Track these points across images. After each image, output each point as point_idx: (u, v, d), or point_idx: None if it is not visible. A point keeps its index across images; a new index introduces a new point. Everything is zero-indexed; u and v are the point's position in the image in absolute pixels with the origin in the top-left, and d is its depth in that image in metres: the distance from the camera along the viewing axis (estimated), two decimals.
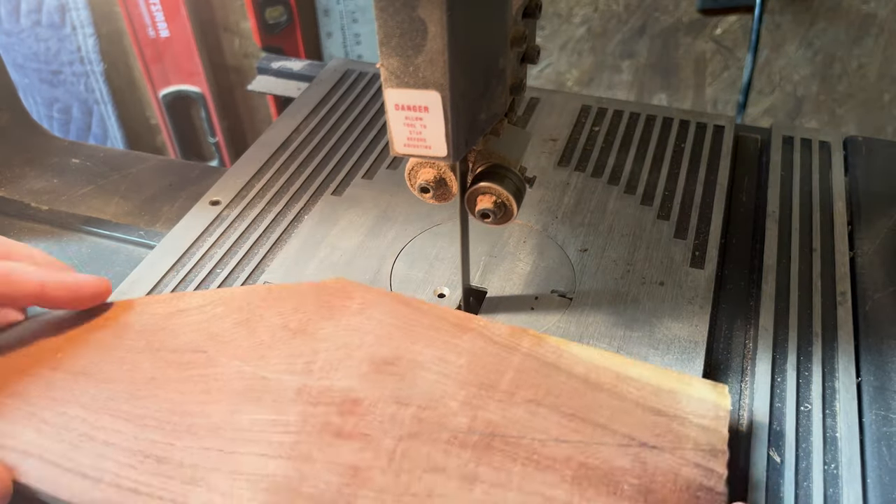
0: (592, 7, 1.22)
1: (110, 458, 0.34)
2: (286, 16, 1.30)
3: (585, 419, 0.35)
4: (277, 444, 0.34)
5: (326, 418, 0.35)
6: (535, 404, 0.36)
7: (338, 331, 0.40)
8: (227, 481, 0.33)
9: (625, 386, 0.36)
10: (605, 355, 0.38)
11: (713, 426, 0.35)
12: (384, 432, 0.35)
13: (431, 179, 0.39)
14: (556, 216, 0.51)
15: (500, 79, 0.36)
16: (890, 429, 0.38)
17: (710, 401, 0.36)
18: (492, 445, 0.34)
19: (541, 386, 0.36)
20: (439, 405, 0.36)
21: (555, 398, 0.36)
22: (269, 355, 0.39)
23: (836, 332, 0.44)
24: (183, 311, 0.41)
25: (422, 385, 0.37)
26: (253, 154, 0.58)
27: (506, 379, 0.37)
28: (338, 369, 0.38)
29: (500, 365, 0.38)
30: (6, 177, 0.62)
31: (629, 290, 0.45)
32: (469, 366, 0.38)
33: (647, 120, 0.61)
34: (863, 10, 1.15)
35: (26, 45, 1.27)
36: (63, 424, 0.36)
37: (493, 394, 0.36)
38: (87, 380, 0.38)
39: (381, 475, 0.33)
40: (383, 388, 0.37)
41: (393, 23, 0.30)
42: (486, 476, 0.33)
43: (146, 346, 0.40)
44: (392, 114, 0.33)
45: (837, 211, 0.52)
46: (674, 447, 0.34)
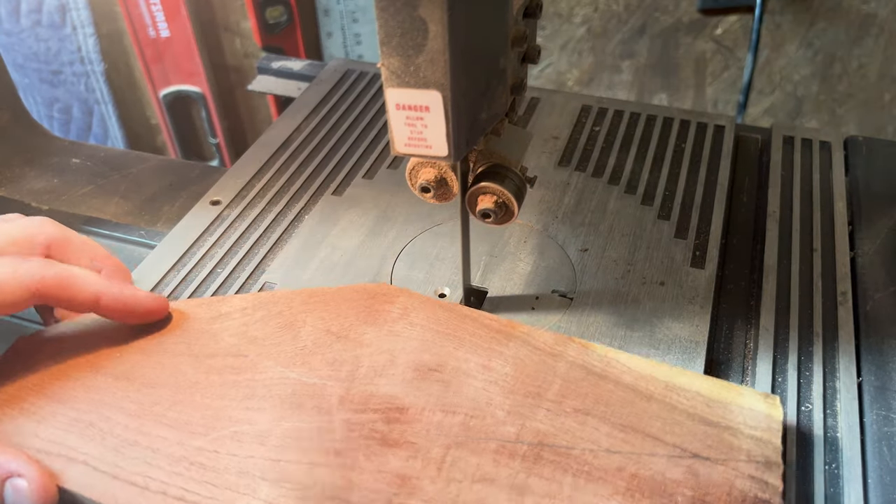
0: (593, 7, 1.22)
1: (156, 465, 0.34)
2: (286, 16, 1.30)
3: (636, 429, 0.35)
4: (324, 452, 0.34)
5: (372, 426, 0.35)
6: (583, 414, 0.35)
7: (380, 336, 0.39)
8: (275, 489, 0.33)
9: (674, 395, 0.36)
10: (653, 364, 0.38)
11: (766, 437, 0.34)
12: (432, 441, 0.34)
13: (432, 179, 0.39)
14: (556, 216, 0.51)
15: (501, 78, 0.36)
16: (891, 428, 0.38)
17: (761, 411, 0.35)
18: (541, 456, 0.34)
19: (589, 395, 0.36)
20: (486, 414, 0.35)
21: (604, 408, 0.35)
22: (312, 361, 0.38)
23: (836, 331, 0.44)
24: (224, 314, 0.41)
25: (467, 393, 0.36)
26: (253, 154, 0.58)
27: (553, 388, 0.36)
28: (382, 375, 0.37)
29: (546, 373, 0.37)
30: (6, 177, 0.62)
31: (630, 289, 0.45)
32: (515, 374, 0.37)
33: (647, 120, 0.61)
34: (863, 10, 1.15)
35: (26, 45, 1.27)
36: (107, 430, 0.36)
37: (541, 402, 0.36)
38: (129, 384, 0.38)
39: (431, 484, 0.33)
40: (429, 396, 0.36)
41: (394, 22, 0.30)
42: (537, 487, 0.32)
43: (187, 351, 0.39)
44: (393, 113, 0.33)
45: (838, 211, 0.52)
46: (727, 459, 0.33)
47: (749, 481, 0.32)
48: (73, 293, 0.37)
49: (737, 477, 0.32)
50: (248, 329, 0.40)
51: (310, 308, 0.41)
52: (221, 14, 1.36)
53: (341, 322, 0.40)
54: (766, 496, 0.32)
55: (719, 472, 0.33)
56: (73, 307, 0.38)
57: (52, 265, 0.37)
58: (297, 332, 0.40)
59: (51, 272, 0.37)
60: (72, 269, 0.38)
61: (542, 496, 0.32)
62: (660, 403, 0.36)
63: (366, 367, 0.38)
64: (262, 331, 0.40)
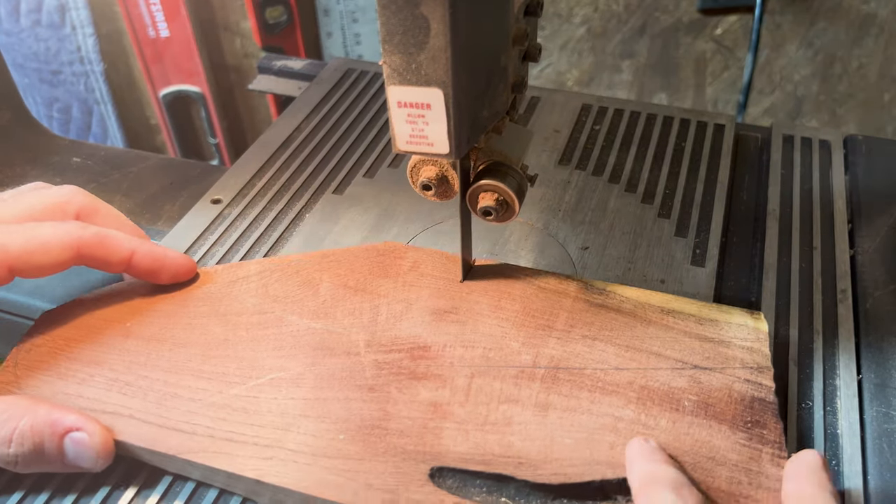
0: (592, 7, 1.22)
1: (200, 413, 0.36)
2: (286, 16, 1.30)
3: (640, 349, 0.39)
4: (358, 389, 0.37)
5: (400, 364, 0.38)
6: (591, 339, 0.39)
7: (395, 287, 0.43)
8: (316, 424, 0.35)
9: (671, 319, 0.40)
10: (649, 293, 0.42)
11: (756, 347, 0.39)
12: (456, 372, 0.38)
13: (433, 177, 0.39)
14: (557, 214, 0.52)
15: (502, 76, 0.36)
16: (891, 425, 0.38)
17: (750, 326, 0.40)
18: (558, 377, 0.37)
19: (594, 323, 0.40)
20: (503, 346, 0.39)
21: (609, 332, 0.40)
22: (334, 312, 0.41)
23: (836, 329, 0.44)
24: (242, 278, 0.44)
25: (483, 329, 0.40)
26: (254, 153, 0.58)
27: (560, 319, 0.40)
28: (402, 320, 0.40)
29: (552, 308, 0.41)
30: (8, 175, 0.62)
31: None
32: (524, 310, 0.41)
33: (647, 119, 0.61)
34: (863, 10, 1.15)
35: (26, 45, 1.27)
36: (147, 387, 0.37)
37: (551, 333, 0.40)
38: (160, 345, 0.40)
39: (461, 408, 0.36)
40: (447, 334, 0.40)
41: (395, 20, 0.30)
42: (558, 403, 0.36)
43: (213, 311, 0.42)
44: (394, 111, 0.33)
45: (838, 209, 0.52)
46: (724, 367, 0.38)
47: (745, 384, 0.37)
48: (110, 251, 0.40)
49: (734, 381, 0.37)
50: (267, 289, 0.43)
51: (324, 267, 0.44)
52: (221, 14, 1.36)
53: (357, 277, 0.43)
54: (762, 395, 0.36)
55: (718, 379, 0.37)
56: (109, 265, 0.40)
57: (88, 226, 0.40)
58: (316, 289, 0.42)
59: (88, 232, 0.39)
60: (106, 229, 0.40)
61: (564, 410, 0.36)
62: (658, 326, 0.40)
63: (385, 314, 0.41)
64: (282, 290, 0.43)
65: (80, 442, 0.34)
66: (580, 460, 0.34)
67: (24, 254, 0.37)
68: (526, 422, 0.35)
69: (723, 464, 0.34)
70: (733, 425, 0.35)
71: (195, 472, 0.35)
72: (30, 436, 0.34)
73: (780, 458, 0.34)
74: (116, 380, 0.38)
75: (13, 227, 0.38)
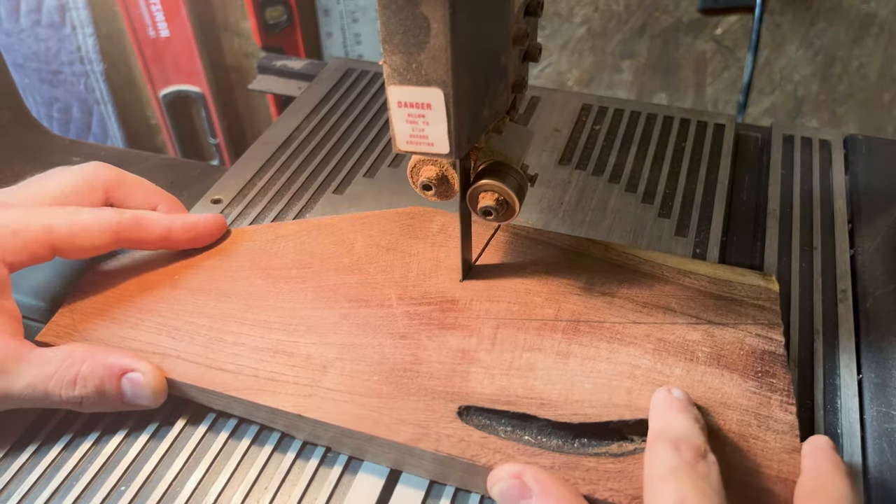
0: (593, 7, 1.22)
1: (244, 356, 0.39)
2: (286, 16, 1.30)
3: (656, 305, 0.41)
4: (390, 336, 0.39)
5: (430, 315, 0.41)
6: (610, 296, 0.42)
7: (425, 246, 0.45)
8: (353, 365, 0.38)
9: (686, 279, 0.43)
10: (665, 255, 0.45)
11: (767, 305, 0.41)
12: (482, 323, 0.40)
13: (434, 177, 0.39)
14: (557, 214, 0.51)
15: (502, 76, 0.36)
16: (891, 425, 0.38)
17: (761, 286, 0.42)
18: (578, 329, 0.40)
19: (612, 282, 0.43)
20: (526, 300, 0.41)
21: (627, 290, 0.42)
22: (368, 268, 0.44)
23: (836, 329, 0.44)
24: (282, 236, 0.47)
25: (508, 286, 0.42)
26: (254, 152, 0.58)
27: (581, 278, 0.43)
28: (431, 277, 0.43)
29: (573, 267, 0.44)
30: (7, 175, 0.62)
31: None
32: (547, 269, 0.43)
33: (647, 119, 0.61)
34: (863, 9, 1.15)
35: (26, 45, 1.27)
36: (193, 331, 0.40)
37: (572, 290, 0.42)
38: (206, 294, 0.43)
39: (487, 355, 0.38)
40: (474, 290, 0.42)
41: (396, 20, 0.30)
42: (579, 352, 0.39)
43: (254, 265, 0.45)
44: (394, 111, 0.33)
45: (838, 209, 0.52)
46: (736, 322, 0.40)
47: (756, 338, 0.39)
48: (147, 232, 0.42)
49: (746, 336, 0.39)
50: (305, 246, 0.46)
51: (358, 228, 0.47)
52: (221, 14, 1.36)
53: (388, 238, 0.46)
54: (772, 348, 0.39)
55: (731, 333, 0.39)
56: (148, 244, 0.43)
57: (124, 211, 0.42)
58: (351, 247, 0.45)
59: (125, 217, 0.42)
60: (141, 211, 0.43)
61: (584, 358, 0.38)
62: (674, 285, 0.42)
63: (415, 271, 0.44)
64: (319, 247, 0.45)
65: (136, 382, 0.37)
66: (599, 402, 0.36)
67: (69, 235, 0.39)
68: (548, 368, 0.38)
69: (734, 409, 0.36)
70: (744, 374, 0.37)
71: (238, 408, 0.38)
72: (90, 378, 0.37)
73: (789, 405, 0.36)
74: (165, 325, 0.41)
75: (57, 210, 0.40)
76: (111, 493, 0.35)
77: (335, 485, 0.36)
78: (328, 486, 0.35)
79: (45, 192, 0.42)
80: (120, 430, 0.38)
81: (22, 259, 0.38)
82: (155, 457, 0.37)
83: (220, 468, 0.36)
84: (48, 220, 0.39)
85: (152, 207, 0.46)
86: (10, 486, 0.36)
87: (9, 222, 0.38)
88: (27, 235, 0.38)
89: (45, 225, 0.39)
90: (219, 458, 0.37)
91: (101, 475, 0.36)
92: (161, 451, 0.37)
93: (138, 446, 0.38)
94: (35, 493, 0.36)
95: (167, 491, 0.35)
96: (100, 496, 0.35)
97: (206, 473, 0.36)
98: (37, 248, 0.38)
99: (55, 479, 0.36)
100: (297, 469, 0.36)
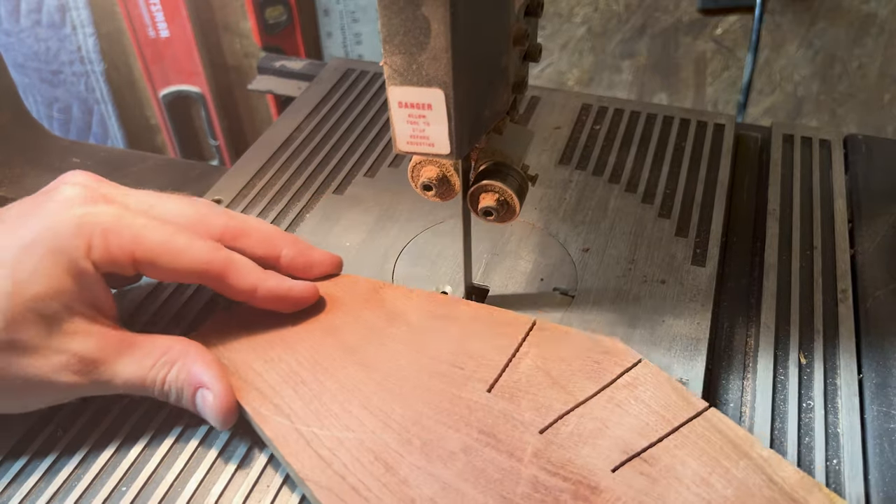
0: (593, 7, 1.22)
1: (344, 447, 0.34)
2: (286, 16, 1.30)
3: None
4: (501, 499, 0.32)
5: (558, 496, 0.32)
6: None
7: (599, 400, 0.36)
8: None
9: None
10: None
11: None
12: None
13: (434, 177, 0.39)
14: (557, 214, 0.52)
15: (503, 76, 0.36)
16: (891, 425, 0.39)
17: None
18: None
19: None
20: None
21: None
22: (521, 399, 0.36)
23: (837, 329, 0.44)
24: (450, 317, 0.41)
25: (673, 500, 0.32)
26: (254, 153, 0.58)
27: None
28: (586, 443, 0.34)
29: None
30: (7, 176, 0.62)
31: (631, 287, 0.46)
32: (735, 501, 0.32)
33: (647, 119, 0.61)
34: (863, 10, 1.15)
35: (26, 45, 1.27)
36: (317, 394, 0.37)
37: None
38: (349, 357, 0.39)
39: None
40: (629, 487, 0.32)
41: (397, 20, 0.30)
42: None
43: (408, 341, 0.40)
44: (395, 111, 0.33)
45: (838, 209, 0.52)
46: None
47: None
48: (232, 281, 0.40)
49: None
50: (466, 340, 0.39)
51: (535, 341, 0.39)
52: (221, 14, 1.37)
53: (562, 368, 0.37)
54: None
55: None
56: (232, 294, 0.40)
57: (221, 250, 0.40)
58: (517, 364, 0.38)
59: (219, 256, 0.39)
60: (236, 257, 0.40)
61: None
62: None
63: (572, 427, 0.35)
64: (480, 348, 0.39)
65: (206, 400, 0.37)
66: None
67: (153, 253, 0.38)
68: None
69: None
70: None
71: (299, 482, 0.34)
72: (175, 382, 0.37)
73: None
74: (296, 374, 0.38)
75: (157, 224, 0.38)
76: (112, 494, 0.35)
77: None
78: None
79: (159, 211, 0.40)
80: (121, 431, 0.38)
81: (104, 261, 0.37)
82: (156, 458, 0.37)
83: (221, 469, 0.36)
84: (141, 231, 0.37)
85: (276, 255, 0.43)
86: (10, 488, 0.36)
87: (102, 220, 0.37)
88: (114, 239, 0.37)
89: (135, 234, 0.37)
90: (219, 458, 0.37)
91: (102, 476, 0.36)
92: (162, 451, 0.37)
93: (139, 447, 0.38)
94: (36, 494, 0.36)
95: (168, 492, 0.35)
96: (100, 497, 0.35)
97: (207, 474, 0.36)
98: (120, 255, 0.37)
99: (56, 480, 0.36)
100: None
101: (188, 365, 0.37)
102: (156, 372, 0.37)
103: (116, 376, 0.36)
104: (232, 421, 0.37)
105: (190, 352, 0.38)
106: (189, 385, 0.37)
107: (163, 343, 0.38)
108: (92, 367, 0.36)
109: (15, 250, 0.35)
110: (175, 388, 0.37)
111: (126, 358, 0.37)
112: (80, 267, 0.36)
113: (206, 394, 0.36)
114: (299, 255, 0.43)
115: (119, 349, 0.37)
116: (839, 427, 0.38)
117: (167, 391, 0.37)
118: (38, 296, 0.35)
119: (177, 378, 0.37)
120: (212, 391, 0.36)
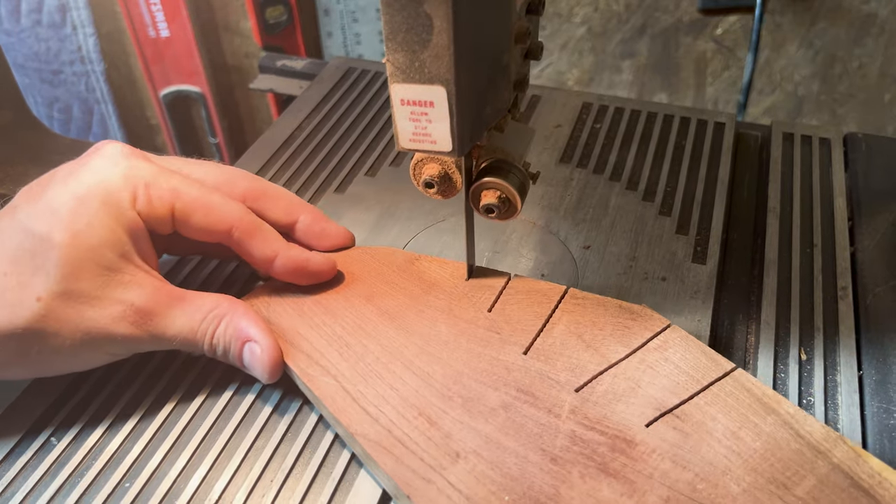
0: (593, 7, 1.22)
1: (390, 403, 0.36)
2: (286, 15, 1.30)
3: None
4: (541, 453, 0.33)
5: (596, 448, 0.33)
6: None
7: (631, 361, 0.37)
8: (487, 468, 0.33)
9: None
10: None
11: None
12: (651, 487, 0.32)
13: (436, 175, 0.39)
14: (558, 212, 0.52)
15: (504, 74, 0.37)
16: (891, 421, 0.39)
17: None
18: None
19: None
20: (718, 482, 0.32)
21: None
22: (556, 361, 0.38)
23: (837, 326, 0.44)
24: (488, 287, 0.43)
25: (705, 453, 0.33)
26: (255, 152, 0.58)
27: (803, 484, 0.32)
28: (620, 400, 0.35)
29: (801, 466, 0.32)
30: (9, 175, 0.62)
31: (631, 285, 0.46)
32: (764, 453, 0.33)
33: (648, 117, 0.61)
34: (863, 10, 1.15)
35: (27, 45, 1.27)
36: (361, 356, 0.39)
37: (784, 495, 0.31)
38: (390, 322, 0.41)
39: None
40: (662, 440, 0.34)
41: (399, 18, 0.30)
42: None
43: (447, 309, 0.41)
44: (397, 109, 0.33)
45: (838, 206, 0.52)
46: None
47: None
48: (257, 244, 0.41)
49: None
50: (505, 307, 0.41)
51: (568, 308, 0.40)
52: (221, 14, 1.37)
53: (594, 333, 0.39)
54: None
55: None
56: (252, 259, 0.42)
57: (249, 214, 0.41)
58: (551, 328, 0.40)
59: (247, 219, 0.41)
60: (264, 225, 0.42)
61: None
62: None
63: (605, 386, 0.36)
64: (518, 314, 0.41)
65: (254, 353, 0.38)
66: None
67: (190, 207, 0.39)
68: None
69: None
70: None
71: (342, 433, 0.36)
72: (223, 337, 0.38)
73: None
74: (341, 337, 0.40)
75: (192, 181, 0.40)
76: (116, 489, 0.35)
77: (339, 480, 0.36)
78: (332, 482, 0.36)
79: (187, 169, 0.42)
80: (125, 425, 0.39)
81: (146, 214, 0.38)
82: (160, 453, 0.37)
83: (225, 463, 0.37)
84: (178, 185, 0.39)
85: (293, 221, 0.45)
86: (16, 482, 0.36)
87: (144, 174, 0.39)
88: (155, 192, 0.38)
89: (174, 188, 0.39)
90: (223, 453, 0.37)
91: (106, 471, 0.36)
92: (166, 446, 0.37)
93: (143, 442, 0.38)
94: (40, 488, 0.36)
95: (171, 487, 0.36)
96: (104, 492, 0.35)
97: (211, 469, 0.36)
98: (160, 209, 0.38)
99: (60, 475, 0.36)
100: (301, 464, 0.37)
101: (236, 320, 0.38)
102: (206, 326, 0.38)
103: (168, 329, 0.37)
104: (278, 374, 0.38)
105: (237, 308, 0.39)
106: (237, 339, 0.38)
107: (211, 299, 0.39)
108: (147, 318, 0.37)
109: (70, 202, 0.36)
110: (223, 343, 0.38)
111: (177, 311, 0.38)
112: (130, 218, 0.37)
113: (255, 347, 0.38)
114: (315, 223, 0.45)
115: (170, 302, 0.38)
116: (839, 423, 0.39)
117: (215, 345, 0.38)
118: (95, 245, 0.36)
119: (225, 332, 0.38)
120: (259, 345, 0.38)
